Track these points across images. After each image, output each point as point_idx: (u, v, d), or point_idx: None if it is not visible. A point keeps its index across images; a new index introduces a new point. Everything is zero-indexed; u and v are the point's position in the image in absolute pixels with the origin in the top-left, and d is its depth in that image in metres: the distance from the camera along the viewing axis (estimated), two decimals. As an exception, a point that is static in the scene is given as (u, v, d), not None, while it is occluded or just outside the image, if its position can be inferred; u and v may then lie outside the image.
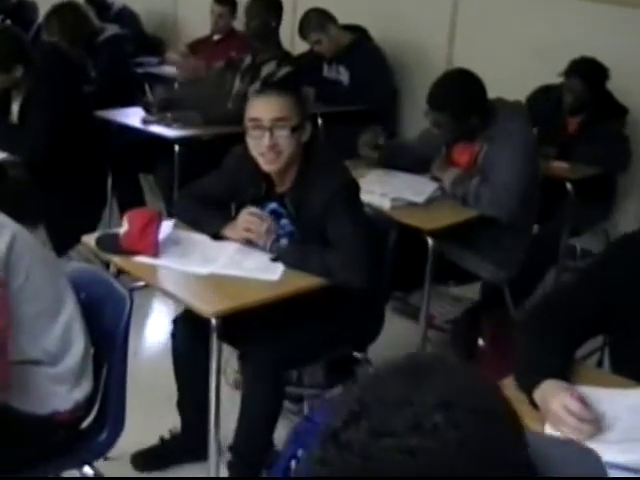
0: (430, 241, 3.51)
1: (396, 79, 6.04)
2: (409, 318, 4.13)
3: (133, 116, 5.00)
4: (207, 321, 2.67)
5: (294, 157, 2.98)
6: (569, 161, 4.60)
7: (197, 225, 3.19)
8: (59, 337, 2.36)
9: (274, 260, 2.96)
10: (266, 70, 5.13)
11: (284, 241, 2.99)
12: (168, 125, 4.80)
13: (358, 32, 5.90)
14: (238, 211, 3.22)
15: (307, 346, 3.09)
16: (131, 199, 4.87)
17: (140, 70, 6.36)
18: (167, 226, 3.05)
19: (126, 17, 7.08)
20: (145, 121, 4.89)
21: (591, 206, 4.65)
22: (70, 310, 2.40)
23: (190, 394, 3.15)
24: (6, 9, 7.22)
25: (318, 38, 5.74)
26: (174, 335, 3.15)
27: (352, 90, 5.67)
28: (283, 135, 2.93)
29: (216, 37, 6.78)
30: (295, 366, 3.29)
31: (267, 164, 2.98)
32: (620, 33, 5.06)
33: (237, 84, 5.24)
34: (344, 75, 5.78)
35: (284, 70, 5.07)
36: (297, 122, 2.95)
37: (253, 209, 3.07)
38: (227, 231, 3.12)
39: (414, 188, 3.81)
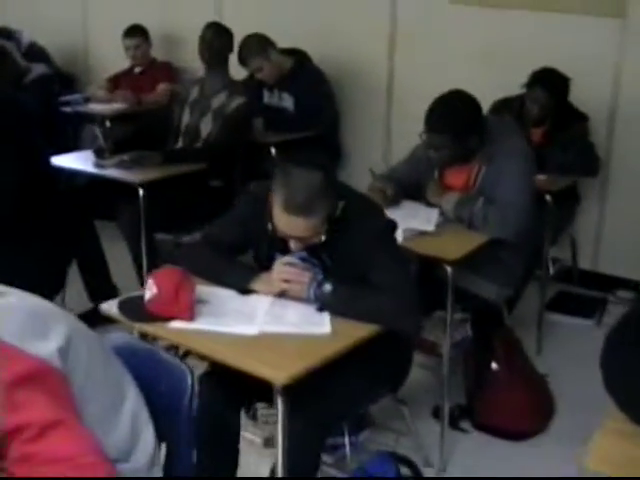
0: (449, 270, 3.37)
1: (338, 98, 5.88)
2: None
3: (84, 161, 4.70)
4: (239, 378, 2.49)
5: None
6: (541, 172, 4.53)
7: (220, 278, 2.92)
8: (128, 430, 2.11)
9: (320, 309, 2.76)
10: (217, 102, 4.92)
11: (328, 287, 2.78)
12: (127, 168, 4.52)
13: (298, 55, 5.73)
14: (257, 259, 3.02)
15: (352, 399, 2.92)
16: (90, 250, 4.59)
17: (67, 109, 6.04)
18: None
19: (36, 53, 6.77)
20: (99, 165, 4.60)
21: (559, 214, 4.61)
22: (133, 399, 2.16)
23: (219, 464, 2.91)
24: None
25: (260, 65, 5.56)
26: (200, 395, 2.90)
27: (299, 116, 5.51)
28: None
29: (137, 69, 6.54)
30: (342, 422, 3.10)
31: (295, 248, 2.83)
32: (568, 40, 5.06)
33: (186, 118, 5.00)
34: (288, 101, 5.60)
35: (236, 102, 4.87)
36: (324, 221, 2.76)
37: (288, 258, 2.86)
38: (259, 284, 2.87)
39: (419, 217, 3.67)
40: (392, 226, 2.94)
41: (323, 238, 2.78)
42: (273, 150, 5.25)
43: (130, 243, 4.55)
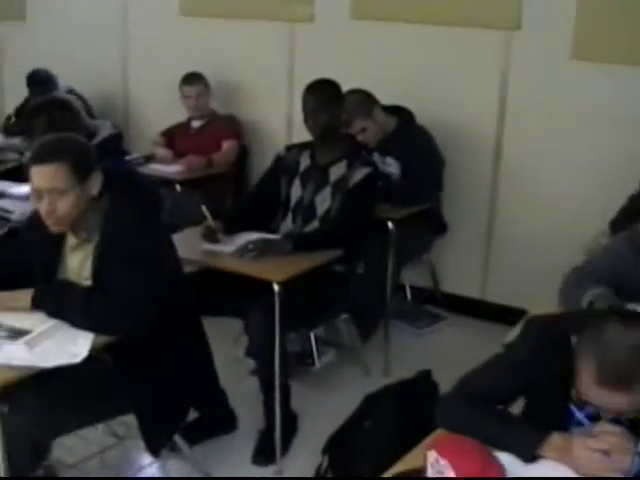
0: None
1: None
2: None
3: (189, 245, 3.87)
4: None
5: None
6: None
7: (495, 442, 2.20)
8: None
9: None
10: (335, 174, 4.16)
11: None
12: (251, 258, 3.75)
13: (403, 114, 5.01)
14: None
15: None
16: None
17: (127, 171, 5.23)
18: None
19: (74, 103, 5.91)
20: (212, 253, 3.82)
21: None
22: None
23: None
24: None
25: (364, 125, 4.84)
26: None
27: (408, 185, 4.78)
28: None
29: (196, 123, 5.76)
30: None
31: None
32: None
33: (297, 191, 4.23)
34: (393, 167, 4.88)
35: (360, 173, 4.11)
36: None
37: (611, 427, 2.12)
38: (551, 450, 2.16)
39: None
40: None
41: None
42: (390, 225, 4.49)
43: (259, 351, 3.75)
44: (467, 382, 2.39)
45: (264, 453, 3.85)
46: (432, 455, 2.04)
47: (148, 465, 3.64)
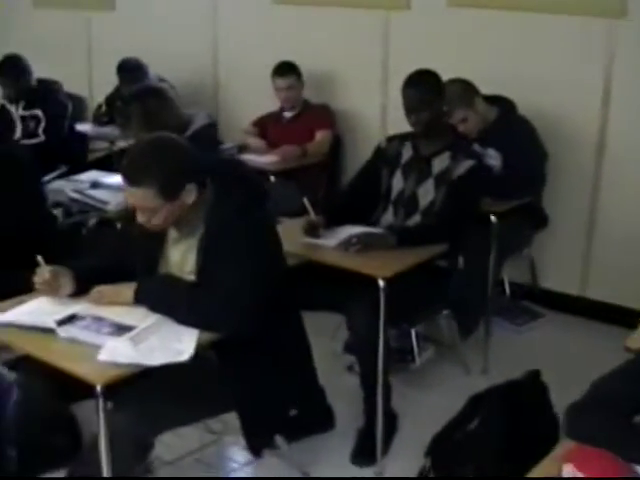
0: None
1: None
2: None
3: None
4: None
5: None
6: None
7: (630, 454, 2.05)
8: None
9: None
10: (439, 166, 4.02)
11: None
12: (353, 252, 3.65)
13: (503, 104, 4.84)
14: None
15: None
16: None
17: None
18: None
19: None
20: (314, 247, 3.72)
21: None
22: None
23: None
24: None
25: (465, 115, 4.68)
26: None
27: (511, 178, 4.61)
28: None
29: (288, 114, 5.66)
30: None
31: None
32: None
33: (398, 183, 4.10)
34: (495, 159, 4.70)
35: (464, 165, 3.97)
36: None
37: None
38: None
39: None
40: None
41: None
42: (493, 219, 4.33)
43: (363, 348, 3.65)
44: (600, 390, 2.24)
45: (364, 453, 3.74)
46: (568, 468, 1.90)
47: (245, 463, 3.56)
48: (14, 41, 7.25)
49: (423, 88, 3.95)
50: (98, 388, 2.54)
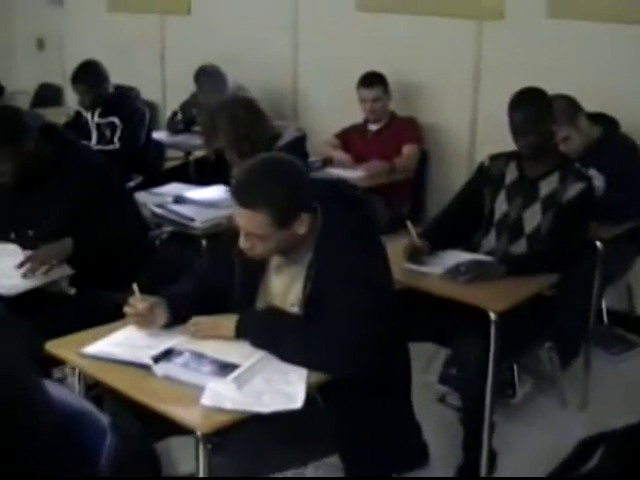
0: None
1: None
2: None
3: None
4: None
5: None
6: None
7: None
8: None
9: None
10: (546, 188, 3.77)
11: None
12: (459, 282, 3.42)
13: (606, 122, 4.58)
14: None
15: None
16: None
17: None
18: None
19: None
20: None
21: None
22: None
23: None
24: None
25: (568, 134, 4.41)
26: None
27: (612, 202, 4.34)
28: None
29: (374, 127, 5.44)
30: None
31: None
32: None
33: (502, 205, 3.87)
34: (598, 180, 4.42)
35: (575, 187, 3.72)
36: None
37: None
38: None
39: None
40: None
41: None
42: (599, 245, 4.08)
43: (470, 383, 3.42)
44: None
45: (466, 491, 3.51)
46: None
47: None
48: (90, 46, 7.12)
49: (531, 110, 3.71)
50: (199, 434, 2.33)
